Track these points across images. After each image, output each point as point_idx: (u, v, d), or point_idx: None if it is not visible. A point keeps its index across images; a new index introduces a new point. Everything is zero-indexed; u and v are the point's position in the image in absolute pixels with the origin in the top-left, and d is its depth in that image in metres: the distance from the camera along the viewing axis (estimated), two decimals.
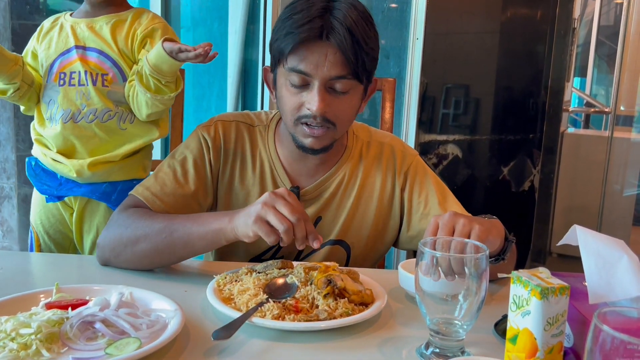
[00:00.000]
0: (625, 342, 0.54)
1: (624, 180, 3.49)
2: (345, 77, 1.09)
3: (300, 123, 1.13)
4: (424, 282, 0.81)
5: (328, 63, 1.07)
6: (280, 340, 0.87)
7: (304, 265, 1.02)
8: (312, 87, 1.10)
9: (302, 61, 1.08)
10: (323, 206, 1.26)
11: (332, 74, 1.08)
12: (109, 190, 1.48)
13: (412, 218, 1.27)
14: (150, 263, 1.14)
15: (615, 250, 0.78)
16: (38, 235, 1.54)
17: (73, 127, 1.43)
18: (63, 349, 0.79)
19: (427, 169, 1.30)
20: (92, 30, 1.45)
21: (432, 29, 2.43)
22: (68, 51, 1.45)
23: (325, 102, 1.09)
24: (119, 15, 1.46)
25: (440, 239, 0.85)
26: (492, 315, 0.94)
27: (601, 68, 4.40)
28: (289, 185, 1.24)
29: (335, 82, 1.10)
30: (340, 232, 1.26)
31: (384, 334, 0.91)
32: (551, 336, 0.73)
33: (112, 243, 1.13)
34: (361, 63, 1.09)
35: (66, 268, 1.19)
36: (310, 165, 1.25)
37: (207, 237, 1.06)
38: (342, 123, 1.15)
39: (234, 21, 2.85)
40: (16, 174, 2.82)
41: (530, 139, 2.80)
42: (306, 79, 1.09)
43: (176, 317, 0.87)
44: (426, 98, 2.54)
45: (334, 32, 1.06)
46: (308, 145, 1.15)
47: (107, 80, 1.43)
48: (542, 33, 2.74)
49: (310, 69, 1.08)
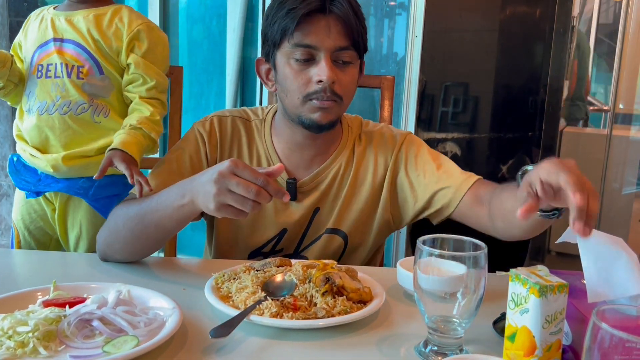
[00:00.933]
0: (624, 339, 0.54)
1: (622, 178, 3.49)
2: (348, 47, 1.13)
3: (309, 100, 1.14)
4: (423, 280, 0.81)
5: (333, 34, 1.11)
6: (279, 338, 0.87)
7: (302, 263, 1.02)
8: (319, 60, 1.13)
9: (307, 35, 1.11)
10: (320, 197, 1.27)
11: (337, 44, 1.12)
12: (87, 186, 1.48)
13: (416, 192, 1.26)
14: (135, 251, 1.15)
15: (613, 249, 0.78)
16: (19, 231, 1.54)
17: (47, 118, 1.43)
18: (60, 346, 0.79)
19: (420, 143, 1.31)
20: (70, 23, 1.45)
21: (431, 27, 2.43)
22: (46, 43, 1.45)
23: (334, 71, 1.13)
24: (97, 9, 1.47)
25: (438, 237, 0.85)
26: (490, 313, 0.94)
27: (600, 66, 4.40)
28: (286, 177, 1.25)
29: (340, 54, 1.13)
30: (335, 221, 1.27)
31: (383, 332, 0.91)
32: (550, 334, 0.73)
33: (104, 236, 1.16)
34: (361, 34, 1.14)
35: (62, 266, 1.18)
36: (307, 157, 1.26)
37: (174, 217, 1.04)
38: (347, 96, 1.18)
39: (233, 19, 2.85)
40: None
41: (529, 137, 2.79)
42: (312, 52, 1.12)
43: (174, 315, 0.87)
44: (425, 96, 2.54)
45: (335, 3, 1.10)
46: (316, 119, 1.16)
47: (82, 72, 1.43)
48: (541, 31, 2.74)
49: (316, 41, 1.11)
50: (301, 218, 1.26)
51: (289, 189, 1.24)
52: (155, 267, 1.17)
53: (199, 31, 3.07)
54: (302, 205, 1.26)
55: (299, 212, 1.26)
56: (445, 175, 1.24)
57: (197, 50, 3.10)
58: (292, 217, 1.26)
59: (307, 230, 1.27)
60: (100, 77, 1.44)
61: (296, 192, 1.25)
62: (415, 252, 0.82)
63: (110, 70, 1.45)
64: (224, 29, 2.91)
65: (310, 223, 1.27)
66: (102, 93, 1.44)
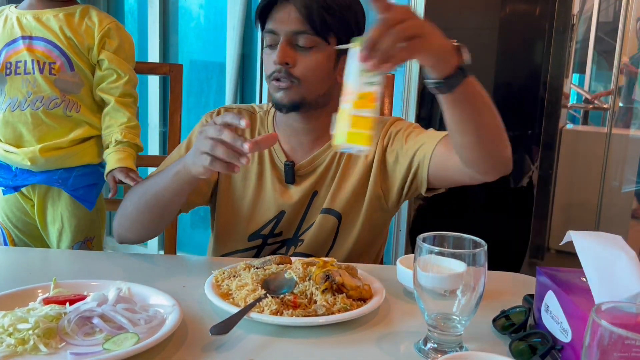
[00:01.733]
0: (623, 337, 0.54)
1: (622, 177, 3.49)
2: (305, 32, 1.18)
3: (271, 80, 1.21)
4: (422, 278, 0.81)
5: (290, 19, 1.18)
6: (279, 336, 0.87)
7: (302, 261, 1.03)
8: (278, 44, 1.20)
9: (270, 21, 1.21)
10: (318, 180, 1.30)
11: (292, 28, 1.18)
12: (65, 176, 1.49)
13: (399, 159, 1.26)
14: (142, 226, 1.22)
15: (612, 249, 0.78)
16: (8, 230, 1.55)
17: (20, 114, 1.44)
18: (61, 344, 0.79)
19: (408, 123, 1.33)
20: (39, 22, 1.47)
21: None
22: (14, 41, 1.47)
23: (286, 53, 1.18)
24: (66, 9, 1.49)
25: (438, 235, 0.85)
26: (490, 310, 0.94)
27: (600, 64, 4.40)
28: (284, 159, 1.30)
29: (297, 37, 1.19)
30: (330, 202, 1.29)
31: (382, 329, 0.91)
32: (364, 83, 0.82)
33: (117, 217, 1.25)
34: (320, 20, 1.17)
35: (62, 263, 1.18)
36: (305, 142, 1.30)
37: (170, 186, 1.12)
38: (308, 80, 1.21)
39: (232, 16, 2.84)
40: None
41: (529, 135, 2.80)
42: (275, 38, 1.20)
43: (174, 312, 0.87)
44: (425, 94, 2.54)
45: None
46: (278, 99, 1.22)
47: (54, 68, 1.45)
48: (541, 29, 2.74)
49: (277, 26, 1.19)
50: (299, 201, 1.29)
51: (286, 171, 1.28)
52: (155, 265, 1.17)
53: (199, 29, 3.07)
54: (300, 188, 1.29)
55: (297, 195, 1.29)
56: (425, 136, 1.25)
57: (197, 47, 3.10)
58: (290, 199, 1.29)
59: (305, 214, 1.30)
60: (72, 73, 1.46)
61: (294, 175, 1.29)
62: (415, 249, 0.82)
63: (82, 66, 1.47)
64: (223, 27, 2.91)
65: (308, 207, 1.30)
66: (74, 89, 1.47)
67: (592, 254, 0.78)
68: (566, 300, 0.79)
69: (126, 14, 3.20)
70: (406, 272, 1.03)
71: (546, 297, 0.85)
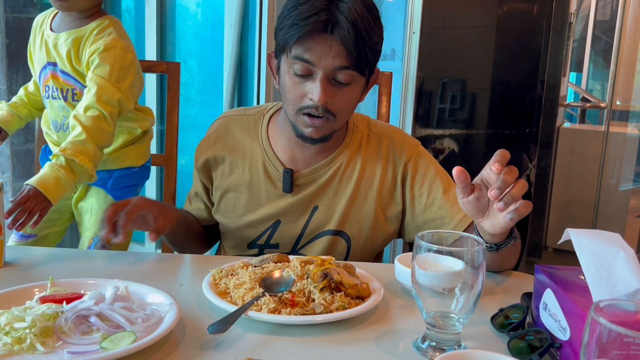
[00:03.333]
0: (622, 334, 0.54)
1: (619, 175, 3.50)
2: (347, 68, 1.10)
3: (302, 113, 1.14)
4: (421, 276, 0.81)
5: (332, 55, 1.09)
6: (277, 334, 0.87)
7: (300, 259, 1.02)
8: (315, 77, 1.11)
9: (306, 51, 1.09)
10: (318, 192, 1.26)
11: (336, 64, 1.10)
12: (105, 177, 1.59)
13: (415, 209, 1.27)
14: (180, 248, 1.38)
15: (610, 247, 0.78)
16: None
17: (62, 135, 1.55)
18: (58, 343, 0.79)
19: (428, 159, 1.30)
20: (55, 48, 1.51)
21: (428, 23, 2.43)
22: (45, 67, 1.54)
23: (327, 93, 1.11)
24: (78, 31, 1.48)
25: (436, 233, 0.85)
26: (488, 308, 0.94)
27: (597, 63, 4.41)
28: (281, 168, 1.25)
29: (337, 73, 1.11)
30: (339, 223, 1.26)
31: (381, 328, 0.91)
32: None
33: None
34: (364, 56, 1.10)
35: (60, 262, 1.18)
36: (308, 154, 1.26)
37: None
38: (342, 114, 1.17)
39: (230, 14, 2.84)
40: (11, 168, 2.81)
41: (527, 133, 2.80)
42: (310, 68, 1.11)
43: (172, 311, 0.87)
44: (423, 92, 2.54)
45: (338, 27, 1.07)
46: (307, 134, 1.17)
47: (76, 94, 1.52)
48: (539, 27, 2.74)
49: (314, 58, 1.09)
50: (297, 212, 1.26)
51: (285, 179, 1.25)
52: (152, 263, 1.17)
53: (196, 27, 3.06)
54: (298, 197, 1.26)
55: (294, 205, 1.26)
56: (449, 204, 1.24)
57: (194, 46, 3.09)
58: (287, 208, 1.26)
59: (305, 229, 1.27)
60: None
61: (292, 184, 1.25)
62: (414, 247, 0.82)
63: None
64: (221, 25, 2.90)
65: (308, 222, 1.27)
66: None
67: (590, 251, 0.78)
68: (564, 298, 0.79)
69: (123, 12, 3.19)
70: (405, 270, 1.03)
71: (544, 295, 0.85)
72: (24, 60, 1.68)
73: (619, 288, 0.74)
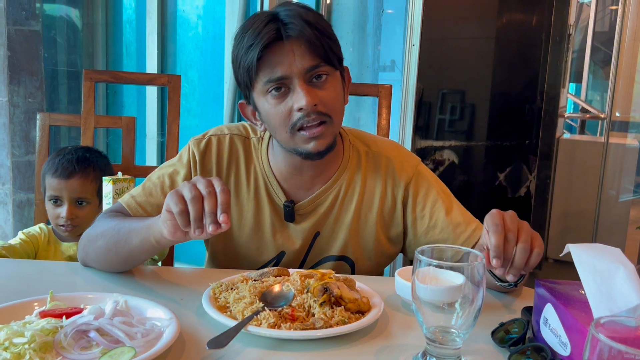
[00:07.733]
0: (623, 352, 0.54)
1: (619, 186, 3.50)
2: (319, 65, 1.09)
3: (297, 130, 1.11)
4: (421, 290, 0.80)
5: (298, 58, 1.07)
6: (276, 349, 0.87)
7: (300, 273, 1.02)
8: (293, 88, 1.09)
9: (273, 68, 1.08)
10: (320, 220, 1.24)
11: (305, 65, 1.08)
12: None
13: (417, 231, 1.26)
14: (107, 263, 1.14)
15: (610, 263, 0.78)
16: None
17: None
18: (57, 358, 0.79)
19: (429, 178, 1.28)
20: None
21: (428, 35, 2.44)
22: None
23: (311, 94, 1.08)
24: None
25: (436, 248, 0.85)
26: (489, 323, 0.94)
27: (596, 74, 4.42)
28: (284, 199, 1.23)
29: (311, 73, 1.09)
30: (342, 248, 1.25)
31: (381, 343, 0.91)
32: None
33: (83, 241, 1.17)
34: (327, 47, 1.10)
35: (58, 276, 1.18)
36: (306, 179, 1.23)
37: (140, 233, 1.03)
38: (335, 113, 1.14)
39: (230, 25, 2.85)
40: (11, 179, 2.81)
41: (526, 144, 2.80)
42: (284, 82, 1.09)
43: (171, 325, 0.87)
44: (422, 104, 2.54)
45: (291, 27, 1.07)
46: (313, 149, 1.13)
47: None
48: (538, 39, 2.76)
49: (284, 70, 1.08)
50: (300, 241, 1.24)
51: (286, 211, 1.23)
52: (152, 277, 1.17)
53: (197, 39, 3.08)
54: (301, 227, 1.24)
55: (297, 235, 1.24)
56: (451, 226, 1.23)
57: (195, 58, 3.11)
58: (291, 239, 1.24)
59: (307, 255, 1.26)
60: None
61: (294, 215, 1.23)
62: (414, 262, 0.82)
63: None
64: (221, 37, 2.92)
65: (310, 248, 1.26)
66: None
67: (590, 267, 0.78)
68: (565, 313, 0.79)
69: (124, 23, 3.21)
70: (405, 284, 1.03)
71: (545, 309, 0.84)
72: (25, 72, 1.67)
73: (619, 304, 0.74)
